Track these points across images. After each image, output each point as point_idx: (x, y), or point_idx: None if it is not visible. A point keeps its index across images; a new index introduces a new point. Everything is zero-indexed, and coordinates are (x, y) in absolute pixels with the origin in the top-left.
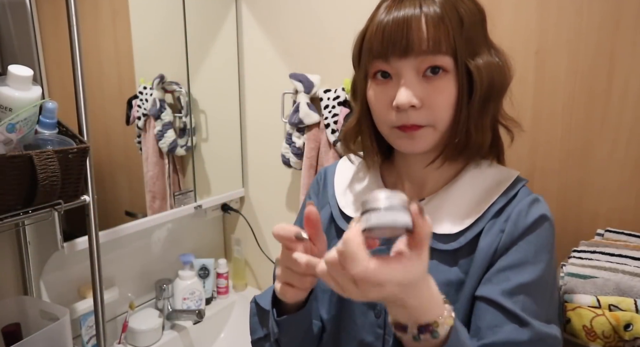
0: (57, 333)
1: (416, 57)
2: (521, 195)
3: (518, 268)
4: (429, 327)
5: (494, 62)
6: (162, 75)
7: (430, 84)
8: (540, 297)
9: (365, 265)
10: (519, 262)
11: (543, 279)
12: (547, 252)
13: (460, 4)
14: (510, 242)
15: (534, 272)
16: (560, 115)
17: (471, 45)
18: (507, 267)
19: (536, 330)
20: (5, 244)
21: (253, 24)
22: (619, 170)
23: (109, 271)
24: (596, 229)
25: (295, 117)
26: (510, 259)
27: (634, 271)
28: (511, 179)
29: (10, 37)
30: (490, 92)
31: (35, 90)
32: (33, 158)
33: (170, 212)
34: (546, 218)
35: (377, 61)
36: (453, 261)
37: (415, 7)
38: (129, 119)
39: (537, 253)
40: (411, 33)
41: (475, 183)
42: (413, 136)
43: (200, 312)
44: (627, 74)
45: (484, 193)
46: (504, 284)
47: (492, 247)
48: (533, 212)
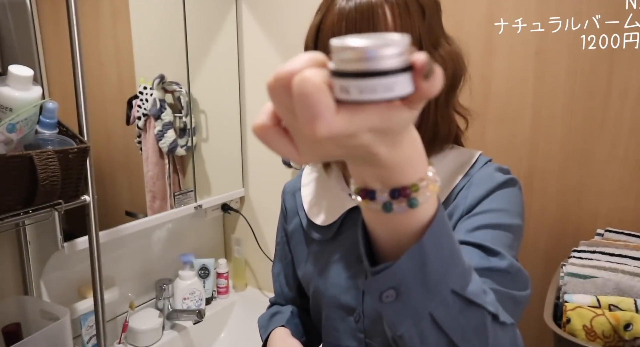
0: (58, 333)
1: None
2: (487, 166)
3: (484, 214)
4: (405, 190)
5: (453, 51)
6: (162, 75)
7: None
8: (504, 239)
9: (330, 123)
10: (485, 210)
11: (507, 226)
12: (514, 205)
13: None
14: (476, 202)
15: (498, 218)
16: (560, 115)
17: (433, 35)
18: (472, 215)
19: (510, 260)
20: (5, 244)
21: (253, 24)
22: (619, 171)
23: (109, 271)
24: (596, 229)
25: None
26: (476, 210)
27: (634, 270)
28: (475, 157)
29: (10, 37)
30: (453, 81)
31: (36, 90)
32: (33, 158)
33: (170, 212)
34: (515, 181)
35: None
36: None
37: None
38: (129, 119)
39: (503, 203)
40: (378, 23)
41: (439, 167)
42: None
43: (200, 312)
44: (627, 74)
45: (448, 176)
46: (468, 226)
47: (457, 217)
48: (499, 176)
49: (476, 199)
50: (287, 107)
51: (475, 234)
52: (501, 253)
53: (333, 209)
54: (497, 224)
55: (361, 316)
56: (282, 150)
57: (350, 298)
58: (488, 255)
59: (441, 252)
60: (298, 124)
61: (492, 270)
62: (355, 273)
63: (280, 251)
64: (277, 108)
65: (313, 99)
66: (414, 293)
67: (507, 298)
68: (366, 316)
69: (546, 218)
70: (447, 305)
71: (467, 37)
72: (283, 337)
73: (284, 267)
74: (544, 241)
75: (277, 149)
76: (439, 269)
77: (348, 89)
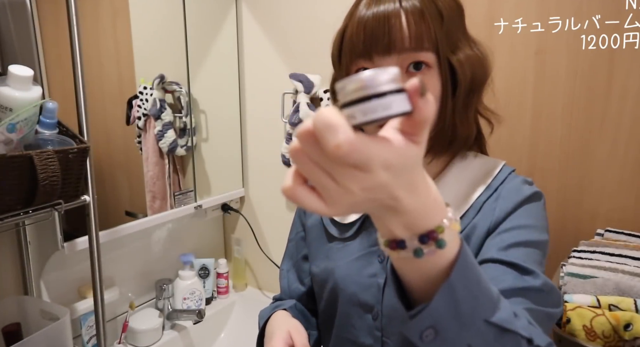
0: (57, 333)
1: (399, 55)
2: (511, 178)
3: (513, 231)
4: (433, 233)
5: (474, 55)
6: (162, 75)
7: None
8: (533, 257)
9: (348, 134)
10: (513, 226)
11: (536, 242)
12: (541, 220)
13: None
14: (505, 215)
15: (528, 235)
16: (560, 115)
17: (451, 40)
18: (502, 231)
19: (543, 278)
20: (5, 244)
21: (253, 24)
22: (619, 170)
23: (109, 271)
24: (596, 229)
25: (295, 117)
26: (505, 226)
27: (634, 270)
28: (498, 168)
29: (10, 37)
30: (473, 85)
31: (36, 90)
32: (33, 158)
33: (170, 212)
34: (541, 195)
35: (360, 60)
36: None
37: (395, 1)
38: (129, 119)
39: (530, 219)
40: (393, 30)
41: (463, 175)
42: None
43: (200, 312)
44: (627, 74)
45: (472, 185)
46: (500, 244)
47: (486, 226)
48: (526, 189)
49: (504, 212)
50: (312, 162)
51: (509, 252)
52: (535, 272)
53: None
54: (527, 242)
55: (379, 315)
56: (312, 206)
57: (369, 296)
58: (522, 274)
59: (469, 285)
60: (324, 179)
61: (527, 289)
62: (376, 272)
63: (293, 247)
64: (303, 167)
65: (331, 120)
66: (450, 328)
67: (543, 316)
68: (384, 314)
69: None
70: (483, 335)
71: None
72: (284, 317)
73: (295, 264)
74: None
75: (307, 205)
76: (469, 301)
77: (354, 114)
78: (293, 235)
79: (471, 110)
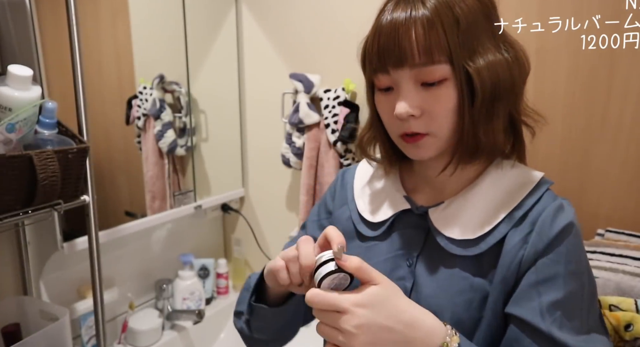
0: (57, 333)
1: (411, 69)
2: (546, 199)
3: (550, 283)
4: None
5: (497, 60)
6: (162, 75)
7: (429, 92)
8: (577, 310)
9: (311, 291)
10: (550, 276)
11: (577, 290)
12: (577, 262)
13: (456, 3)
14: (535, 255)
15: (567, 285)
16: (560, 115)
17: (471, 46)
18: (538, 282)
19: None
20: (5, 244)
21: (253, 24)
22: (619, 171)
23: (109, 271)
24: (596, 229)
25: (295, 117)
26: (540, 274)
27: (635, 271)
28: (535, 181)
29: (10, 37)
30: (496, 92)
31: (35, 90)
32: (33, 158)
33: (170, 212)
34: (572, 226)
35: (377, 74)
36: (475, 269)
37: (406, 10)
38: (128, 118)
39: (568, 264)
40: (402, 43)
41: (497, 185)
42: (417, 145)
43: (200, 312)
44: (627, 74)
45: (506, 196)
46: (537, 301)
47: (517, 257)
48: (558, 221)
49: (535, 254)
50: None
51: (546, 317)
52: (567, 345)
53: (386, 208)
54: (565, 298)
55: None
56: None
57: None
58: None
59: None
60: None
61: None
62: (404, 276)
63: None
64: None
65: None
66: None
67: None
68: None
69: None
70: None
71: None
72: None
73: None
74: None
75: None
76: None
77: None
78: (314, 216)
79: (497, 120)
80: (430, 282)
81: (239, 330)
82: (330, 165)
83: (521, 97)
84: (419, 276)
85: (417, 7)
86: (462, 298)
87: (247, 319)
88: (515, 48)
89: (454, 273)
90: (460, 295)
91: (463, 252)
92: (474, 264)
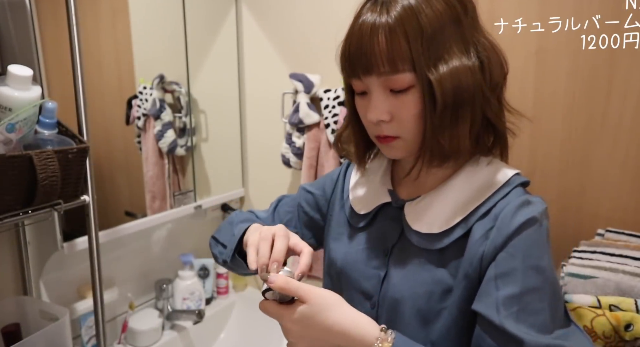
0: (57, 333)
1: (378, 77)
2: (512, 196)
3: (507, 277)
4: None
5: (462, 66)
6: (162, 75)
7: (398, 98)
8: (539, 305)
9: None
10: (508, 270)
11: (538, 286)
12: (538, 258)
13: (422, 10)
14: (495, 250)
15: (525, 280)
16: (560, 115)
17: (436, 53)
18: (497, 276)
19: (532, 346)
20: (5, 244)
21: (253, 24)
22: (620, 171)
23: (109, 271)
24: (596, 229)
25: (295, 117)
26: (498, 268)
27: (635, 271)
28: (505, 179)
29: (10, 37)
30: (459, 99)
31: (35, 90)
32: (33, 158)
33: (170, 212)
34: (534, 221)
35: (351, 79)
36: (440, 262)
37: (374, 17)
38: (128, 118)
39: (526, 259)
40: (368, 51)
41: (469, 182)
42: (390, 146)
43: (200, 312)
44: (627, 74)
45: (475, 193)
46: (494, 296)
47: (478, 253)
48: (519, 216)
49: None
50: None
51: (500, 311)
52: (522, 340)
53: (370, 200)
54: (523, 293)
55: (377, 304)
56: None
57: (370, 286)
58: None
59: None
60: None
61: None
62: (379, 265)
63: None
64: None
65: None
66: None
67: None
68: (380, 305)
69: None
70: None
71: None
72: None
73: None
74: None
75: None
76: None
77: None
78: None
79: (464, 124)
80: (398, 272)
81: (213, 253)
82: (330, 165)
83: (495, 99)
84: (391, 266)
85: (382, 15)
86: (423, 289)
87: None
88: (488, 50)
89: (419, 265)
90: (422, 286)
91: (428, 246)
92: (438, 258)
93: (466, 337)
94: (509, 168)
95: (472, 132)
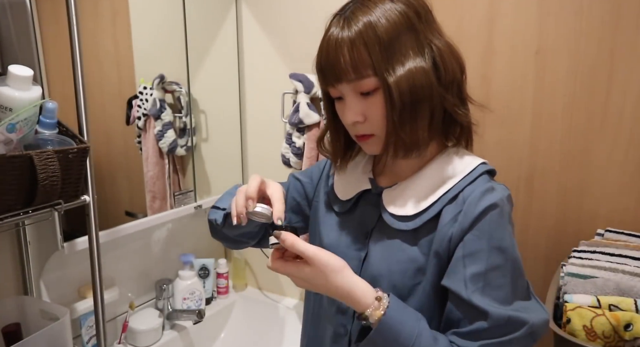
0: (57, 333)
1: (348, 84)
2: (479, 183)
3: (473, 257)
4: (361, 316)
5: (417, 68)
6: (162, 75)
7: (368, 100)
8: (502, 281)
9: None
10: (474, 251)
11: (501, 264)
12: (500, 239)
13: (379, 21)
14: (462, 232)
15: (489, 259)
16: (560, 115)
17: (393, 57)
18: (464, 256)
19: (495, 317)
20: (5, 244)
21: (253, 24)
22: (619, 171)
23: (109, 271)
24: (596, 229)
25: (295, 117)
26: (466, 249)
27: (634, 271)
28: (472, 167)
29: (10, 37)
30: (416, 96)
31: (35, 90)
32: (33, 158)
33: (170, 212)
34: (495, 206)
35: (327, 87)
36: (413, 242)
37: (338, 32)
38: (129, 119)
39: (490, 240)
40: (335, 62)
41: (439, 171)
42: (367, 143)
43: (200, 312)
44: (627, 74)
45: (444, 179)
46: (462, 273)
47: (448, 234)
48: (483, 202)
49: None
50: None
51: (468, 286)
52: (487, 312)
53: (352, 187)
54: (487, 271)
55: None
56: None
57: (353, 266)
58: (475, 319)
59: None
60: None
61: (479, 331)
62: (361, 247)
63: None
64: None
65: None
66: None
67: (497, 345)
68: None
69: (546, 218)
70: None
71: (467, 37)
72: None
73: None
74: (544, 241)
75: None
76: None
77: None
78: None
79: (423, 119)
80: (377, 252)
81: (212, 221)
82: None
83: (453, 94)
84: (371, 247)
85: (344, 29)
86: (398, 267)
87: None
88: (442, 51)
89: (395, 245)
90: (397, 264)
91: (402, 227)
92: (412, 238)
93: (438, 311)
94: (475, 158)
95: (433, 125)
